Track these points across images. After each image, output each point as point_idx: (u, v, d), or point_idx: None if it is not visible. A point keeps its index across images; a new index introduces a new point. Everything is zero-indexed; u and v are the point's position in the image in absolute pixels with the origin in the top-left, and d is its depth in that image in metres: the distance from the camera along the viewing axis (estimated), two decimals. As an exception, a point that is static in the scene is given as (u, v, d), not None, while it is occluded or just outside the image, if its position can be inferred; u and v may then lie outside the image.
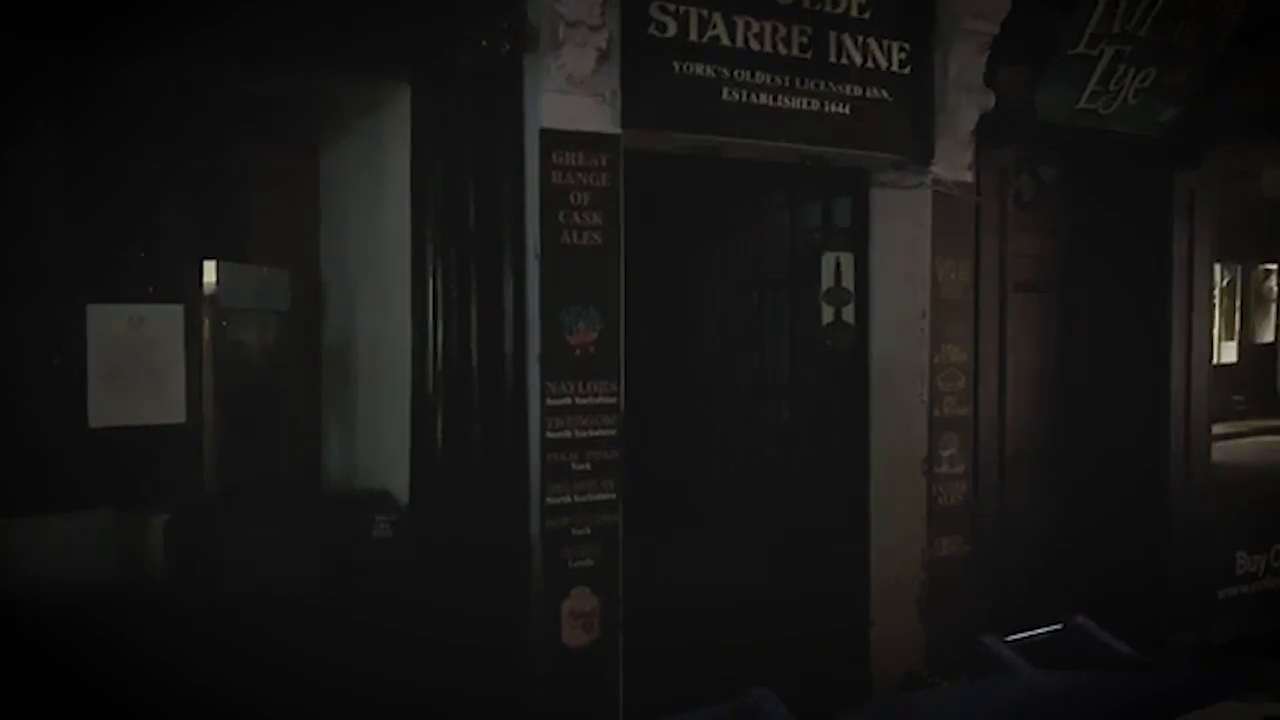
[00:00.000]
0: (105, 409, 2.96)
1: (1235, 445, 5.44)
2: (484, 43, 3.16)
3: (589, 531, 3.30)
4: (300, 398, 3.66)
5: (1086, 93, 4.35)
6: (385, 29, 3.06)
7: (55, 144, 3.15)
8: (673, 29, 3.45)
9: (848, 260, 4.20)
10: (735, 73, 3.56)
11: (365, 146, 3.53)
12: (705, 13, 3.49)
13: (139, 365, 3.02)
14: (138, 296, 3.16)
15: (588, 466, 3.30)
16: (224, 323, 3.45)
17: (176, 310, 3.14)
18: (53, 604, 2.71)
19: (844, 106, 3.77)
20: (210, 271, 3.38)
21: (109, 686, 2.63)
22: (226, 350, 3.45)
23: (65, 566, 2.88)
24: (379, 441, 3.47)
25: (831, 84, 3.74)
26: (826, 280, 4.19)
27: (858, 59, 3.80)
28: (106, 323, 2.99)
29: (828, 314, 4.19)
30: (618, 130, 3.33)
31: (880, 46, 3.84)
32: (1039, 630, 2.99)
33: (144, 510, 3.10)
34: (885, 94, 3.87)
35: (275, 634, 2.84)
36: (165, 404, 3.06)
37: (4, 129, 3.05)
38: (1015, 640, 2.96)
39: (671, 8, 3.43)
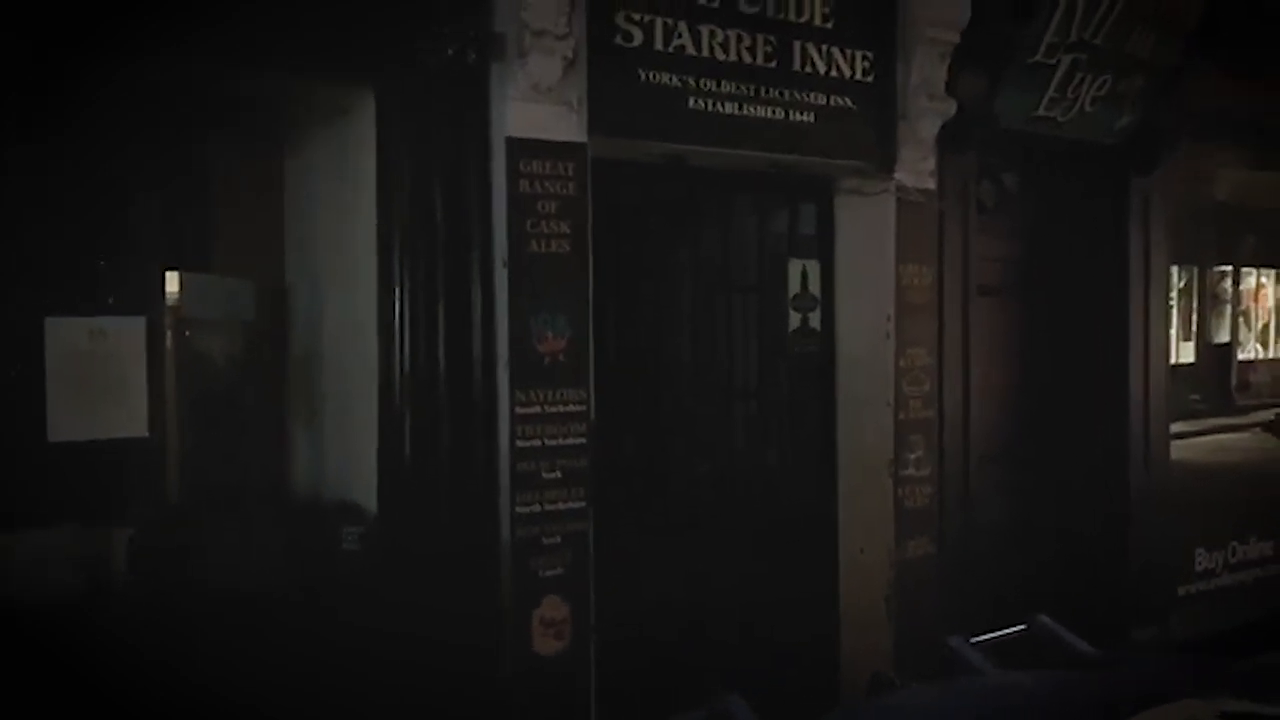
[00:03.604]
0: (65, 423, 2.90)
1: (1193, 444, 5.55)
2: (450, 50, 3.15)
3: (559, 540, 3.29)
4: (266, 409, 3.62)
5: (1045, 100, 4.43)
6: (351, 34, 3.04)
7: (11, 150, 3.09)
8: (639, 38, 3.46)
9: (814, 267, 4.25)
10: (701, 81, 3.58)
11: (331, 154, 3.51)
12: (671, 22, 3.51)
13: (100, 378, 2.97)
14: (98, 308, 3.11)
15: (558, 475, 3.30)
16: (187, 334, 3.40)
17: (138, 322, 3.09)
18: (16, 622, 2.66)
19: (808, 115, 3.81)
20: (173, 282, 3.34)
21: (76, 704, 2.59)
22: (190, 362, 3.41)
23: (27, 584, 2.83)
24: (346, 452, 3.44)
25: (796, 93, 3.78)
26: (793, 286, 4.23)
27: (821, 68, 3.84)
28: (66, 335, 2.94)
29: (795, 320, 4.23)
30: (584, 139, 3.33)
31: (844, 55, 3.88)
32: (1003, 631, 3.04)
33: (107, 525, 3.04)
34: (849, 102, 3.91)
35: (243, 648, 2.81)
36: (127, 417, 3.01)
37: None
38: (980, 641, 3.00)
39: (637, 17, 3.45)
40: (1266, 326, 6.76)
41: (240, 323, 3.56)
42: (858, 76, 3.93)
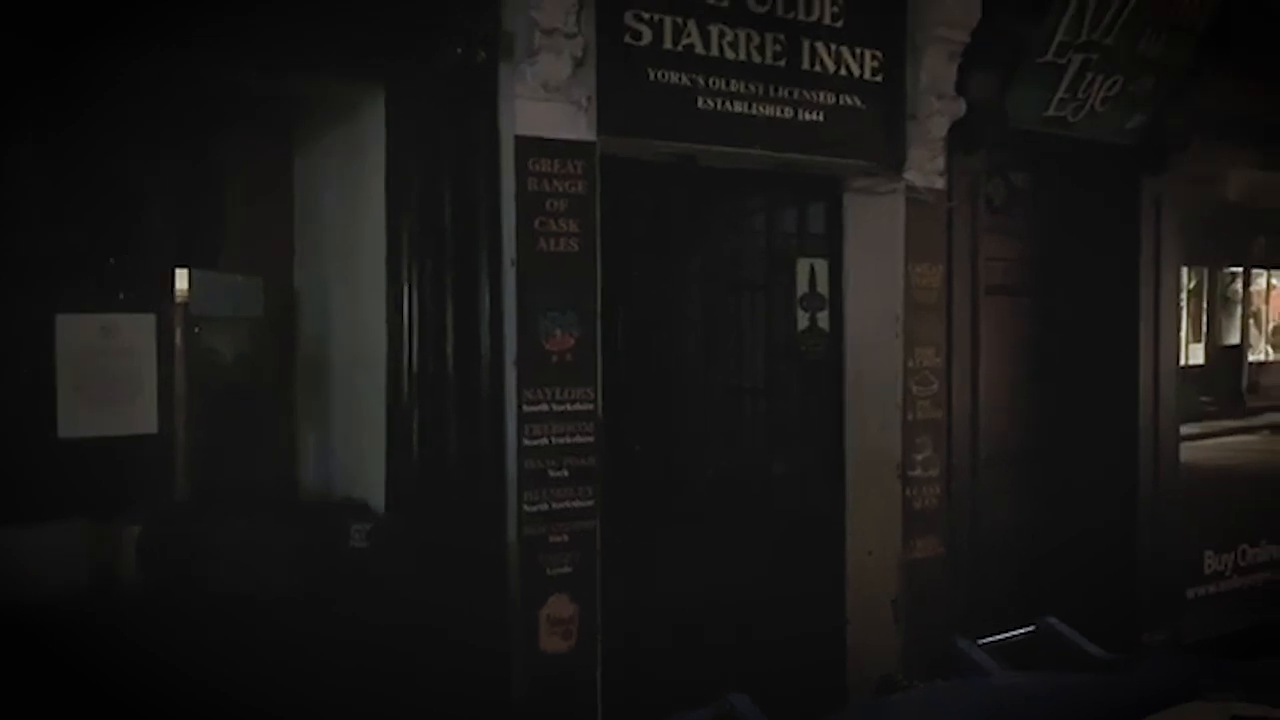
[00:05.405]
0: (75, 419, 2.91)
1: (1203, 446, 5.53)
2: (459, 49, 3.15)
3: (567, 538, 3.30)
4: (274, 406, 3.63)
5: (1055, 100, 4.42)
6: (361, 33, 3.04)
7: (22, 148, 3.10)
8: (648, 37, 3.46)
9: (822, 266, 4.24)
10: (710, 80, 3.58)
11: (340, 152, 3.52)
12: (680, 21, 3.51)
13: (110, 375, 2.98)
14: (108, 305, 3.12)
15: (565, 473, 3.30)
16: (196, 331, 3.42)
17: (148, 319, 3.10)
18: (24, 616, 2.67)
19: (818, 114, 3.80)
20: (182, 279, 3.35)
21: (83, 700, 2.60)
22: (199, 359, 3.42)
23: (36, 579, 2.84)
24: (354, 449, 3.45)
25: (805, 92, 3.77)
26: (802, 286, 4.22)
27: (831, 67, 3.83)
28: (76, 332, 2.95)
29: (803, 319, 4.22)
30: (593, 137, 3.34)
31: (853, 54, 3.88)
32: (1011, 632, 3.03)
33: (116, 521, 3.06)
34: (858, 102, 3.91)
35: (251, 645, 2.81)
36: (137, 414, 3.02)
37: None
38: (988, 642, 2.99)
39: (646, 16, 3.45)
40: (1277, 328, 6.73)
41: (249, 320, 3.57)
42: (867, 76, 3.92)
